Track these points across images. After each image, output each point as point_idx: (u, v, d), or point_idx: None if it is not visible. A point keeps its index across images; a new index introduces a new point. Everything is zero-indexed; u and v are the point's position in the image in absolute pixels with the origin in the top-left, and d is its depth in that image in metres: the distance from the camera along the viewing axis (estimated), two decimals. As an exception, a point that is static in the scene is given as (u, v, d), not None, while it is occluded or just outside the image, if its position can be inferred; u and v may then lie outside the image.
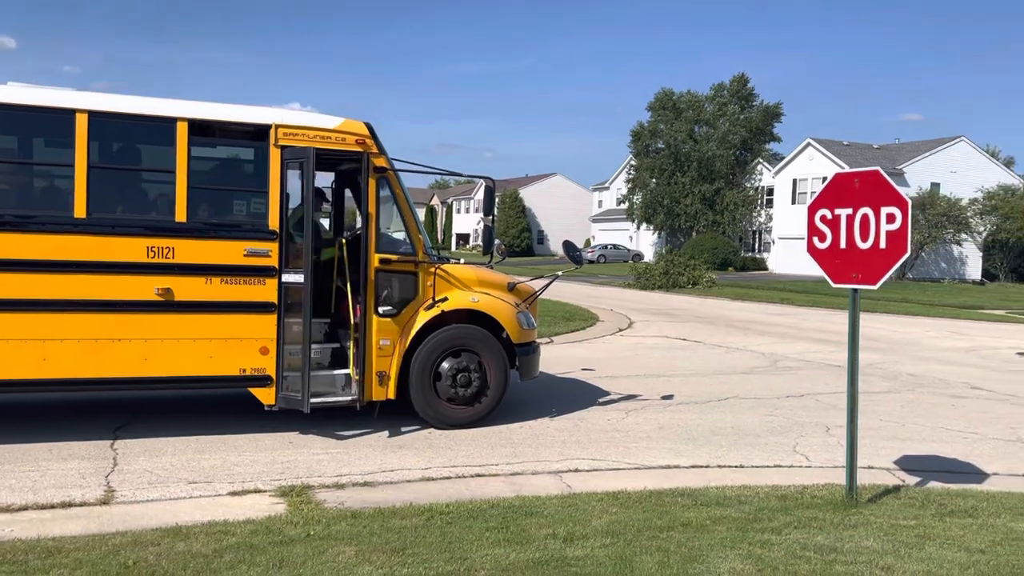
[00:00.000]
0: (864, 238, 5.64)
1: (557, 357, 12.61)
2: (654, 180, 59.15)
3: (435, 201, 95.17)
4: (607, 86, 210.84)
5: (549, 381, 10.55)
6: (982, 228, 48.55)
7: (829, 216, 5.89)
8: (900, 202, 5.45)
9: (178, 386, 7.44)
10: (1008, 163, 63.70)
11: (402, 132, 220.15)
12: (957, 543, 4.96)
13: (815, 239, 6.01)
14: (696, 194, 56.98)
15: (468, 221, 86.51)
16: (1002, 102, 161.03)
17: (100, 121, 6.77)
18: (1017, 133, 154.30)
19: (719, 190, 56.88)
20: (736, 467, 6.94)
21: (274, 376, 7.11)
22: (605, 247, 65.75)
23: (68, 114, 6.63)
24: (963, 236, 47.96)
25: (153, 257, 6.80)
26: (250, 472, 6.27)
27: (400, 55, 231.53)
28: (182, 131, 6.86)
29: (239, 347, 7.04)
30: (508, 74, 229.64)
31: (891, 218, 5.48)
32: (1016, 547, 4.92)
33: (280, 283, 7.07)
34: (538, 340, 8.85)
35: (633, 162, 62.86)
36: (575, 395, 9.81)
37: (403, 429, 7.76)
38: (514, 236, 75.10)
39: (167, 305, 6.84)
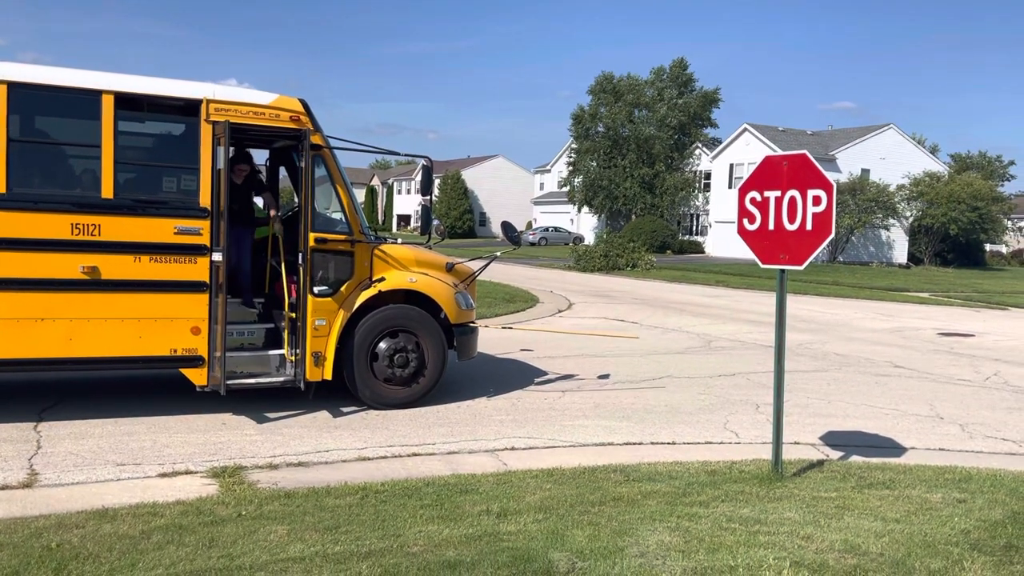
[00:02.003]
0: (792, 220, 5.76)
1: (496, 338, 12.66)
2: (594, 163, 59.51)
3: (375, 182, 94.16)
4: (551, 69, 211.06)
5: (488, 361, 10.60)
6: (909, 213, 50.21)
7: (759, 198, 6.00)
8: (826, 185, 5.59)
9: (106, 367, 7.27)
10: (933, 150, 65.95)
11: (344, 111, 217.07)
12: (874, 513, 5.17)
13: (745, 221, 6.12)
14: (636, 177, 57.53)
15: (409, 202, 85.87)
16: (927, 93, 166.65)
17: (22, 93, 6.52)
18: (942, 123, 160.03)
19: (658, 174, 57.53)
20: (668, 444, 7.10)
21: (206, 356, 6.99)
22: (546, 230, 65.99)
23: (-14, 85, 6.36)
24: (891, 221, 49.52)
25: (78, 234, 6.59)
26: (181, 454, 6.16)
27: (343, 32, 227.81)
28: (108, 105, 6.65)
29: (170, 327, 6.89)
30: (453, 55, 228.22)
31: (817, 200, 5.61)
32: (929, 516, 5.15)
33: (212, 262, 6.93)
34: (476, 321, 8.87)
35: (574, 145, 63.13)
36: (513, 375, 9.88)
37: (340, 410, 7.72)
38: (456, 218, 74.85)
39: (93, 284, 6.66)
